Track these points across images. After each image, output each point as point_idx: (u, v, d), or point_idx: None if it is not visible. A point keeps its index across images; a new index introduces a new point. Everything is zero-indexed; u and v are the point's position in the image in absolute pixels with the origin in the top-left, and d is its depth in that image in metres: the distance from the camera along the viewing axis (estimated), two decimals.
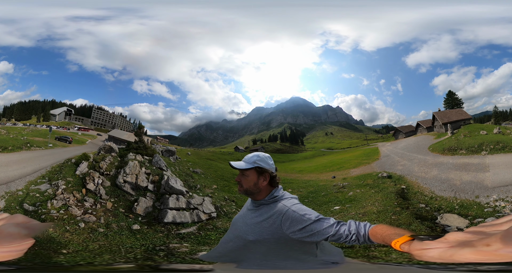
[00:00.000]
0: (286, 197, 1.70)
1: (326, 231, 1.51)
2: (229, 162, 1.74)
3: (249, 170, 1.70)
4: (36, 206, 7.45)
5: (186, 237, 7.06)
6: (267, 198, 1.69)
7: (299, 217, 1.56)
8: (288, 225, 1.56)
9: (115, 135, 25.36)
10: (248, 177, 1.70)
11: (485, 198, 8.04)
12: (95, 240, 6.36)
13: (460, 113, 22.48)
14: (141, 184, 9.33)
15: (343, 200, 9.89)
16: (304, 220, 1.54)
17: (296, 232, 1.55)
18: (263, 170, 1.70)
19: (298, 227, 1.54)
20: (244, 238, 1.66)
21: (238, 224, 1.77)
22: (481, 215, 6.96)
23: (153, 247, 6.26)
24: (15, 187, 8.24)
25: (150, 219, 7.95)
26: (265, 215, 1.65)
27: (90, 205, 8.06)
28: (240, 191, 1.74)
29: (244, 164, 1.71)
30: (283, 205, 1.63)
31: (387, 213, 7.35)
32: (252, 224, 1.67)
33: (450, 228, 6.44)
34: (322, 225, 1.52)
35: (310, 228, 1.53)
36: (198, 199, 8.68)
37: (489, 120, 27.78)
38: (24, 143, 14.08)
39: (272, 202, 1.67)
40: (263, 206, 1.69)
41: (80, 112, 33.64)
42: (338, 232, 1.50)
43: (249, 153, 1.80)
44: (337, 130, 67.70)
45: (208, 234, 7.24)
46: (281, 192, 1.73)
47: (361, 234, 1.45)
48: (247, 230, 1.67)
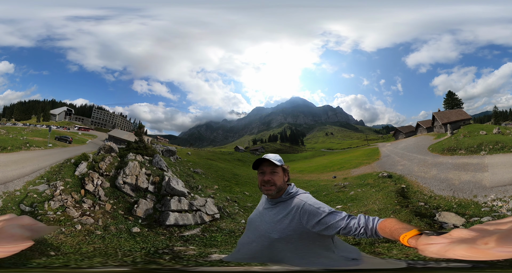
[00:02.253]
0: (300, 193, 1.75)
1: (338, 224, 1.56)
2: (263, 157, 1.73)
3: (279, 168, 1.75)
4: (33, 207, 7.39)
5: (191, 240, 6.93)
6: (284, 195, 1.73)
7: (315, 210, 1.61)
8: (307, 219, 1.60)
9: (115, 135, 25.37)
10: (279, 174, 1.74)
11: (482, 197, 8.11)
12: (90, 242, 6.21)
13: (460, 114, 22.45)
14: (141, 185, 9.20)
15: (345, 199, 9.97)
16: (320, 213, 1.59)
17: (314, 225, 1.58)
18: (285, 168, 1.78)
19: (315, 220, 1.59)
20: (268, 236, 1.67)
21: (257, 224, 1.78)
22: (477, 214, 7.04)
23: (155, 250, 6.11)
24: (13, 187, 8.21)
25: (150, 222, 7.81)
26: (283, 212, 1.69)
27: (89, 207, 7.95)
28: (271, 191, 1.72)
29: (278, 161, 1.74)
30: (299, 200, 1.68)
31: (388, 211, 7.46)
32: (273, 222, 1.69)
33: (447, 225, 6.60)
34: (335, 218, 1.57)
35: (325, 221, 1.57)
36: (200, 200, 8.53)
37: (489, 120, 27.73)
38: (24, 143, 14.08)
39: (288, 199, 1.72)
40: (280, 204, 1.73)
41: (80, 112, 33.67)
42: (348, 225, 1.53)
43: (271, 154, 1.81)
44: (337, 130, 67.68)
45: (213, 235, 7.12)
46: (295, 188, 1.78)
47: (369, 227, 1.48)
48: (270, 229, 1.68)
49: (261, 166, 1.74)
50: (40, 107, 28.97)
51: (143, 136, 13.78)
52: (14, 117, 27.45)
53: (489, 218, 6.58)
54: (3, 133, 16.88)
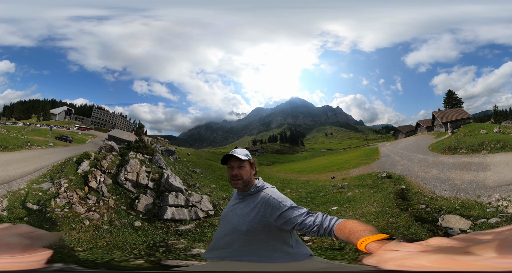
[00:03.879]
0: (267, 187, 1.81)
1: (295, 219, 1.58)
2: (229, 153, 1.83)
3: (245, 162, 1.82)
4: (40, 204, 7.44)
5: (184, 234, 7.15)
6: (252, 188, 1.80)
7: (277, 203, 1.65)
8: (270, 212, 1.65)
9: (115, 134, 25.31)
10: (245, 168, 1.81)
11: (486, 197, 7.88)
12: (101, 237, 6.46)
13: (460, 113, 22.51)
14: (142, 182, 9.39)
15: (342, 200, 9.79)
16: (281, 207, 1.63)
17: (276, 219, 1.63)
18: (252, 162, 1.85)
19: (277, 213, 1.63)
20: (238, 229, 1.72)
21: (229, 217, 1.83)
22: (483, 216, 6.64)
23: (154, 244, 6.38)
24: (16, 186, 8.22)
25: (150, 216, 8.04)
26: (251, 204, 1.75)
27: (93, 203, 8.10)
28: (238, 184, 1.80)
29: (244, 156, 1.82)
30: (265, 194, 1.74)
31: (385, 214, 7.00)
32: (242, 214, 1.75)
33: (453, 231, 6.04)
34: (293, 213, 1.60)
35: (285, 215, 1.60)
36: (196, 196, 8.74)
37: (489, 119, 27.81)
38: (25, 142, 14.06)
39: (256, 192, 1.78)
40: (249, 197, 1.79)
41: (80, 112, 33.61)
42: (304, 222, 1.55)
43: (238, 149, 1.91)
44: (337, 130, 67.73)
45: (204, 231, 7.33)
46: (262, 182, 1.85)
47: (323, 226, 1.49)
48: (239, 221, 1.74)
49: (229, 161, 1.83)
50: (40, 106, 28.91)
51: (143, 136, 13.82)
52: (14, 117, 27.38)
53: (496, 219, 6.23)
54: (4, 132, 16.84)
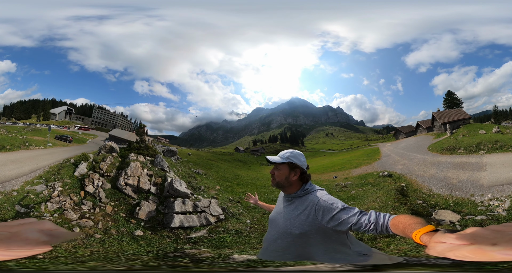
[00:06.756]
0: (316, 189, 1.83)
1: (350, 219, 1.59)
2: (266, 156, 1.93)
3: (282, 165, 1.85)
4: (29, 208, 7.12)
5: (199, 242, 6.72)
6: (299, 191, 1.82)
7: (328, 206, 1.66)
8: (322, 215, 1.66)
9: (116, 134, 25.38)
10: (280, 170, 1.84)
11: (479, 196, 8.17)
12: (88, 246, 5.93)
13: (459, 113, 22.42)
14: (143, 186, 8.85)
15: (346, 198, 10.14)
16: (333, 209, 1.64)
17: (329, 221, 1.64)
18: (295, 166, 1.85)
19: (329, 215, 1.64)
20: (290, 233, 1.74)
21: (278, 221, 1.86)
22: (473, 213, 7.12)
23: (165, 254, 5.94)
24: (10, 187, 8.03)
25: (154, 224, 7.51)
26: (300, 207, 1.76)
27: (88, 209, 7.66)
28: (272, 183, 1.88)
29: (279, 158, 1.87)
30: (314, 196, 1.75)
31: (387, 208, 7.71)
32: (292, 218, 1.77)
33: (444, 222, 6.71)
34: (347, 214, 1.61)
35: (338, 216, 1.62)
36: (205, 201, 8.25)
37: (489, 119, 27.66)
38: (23, 142, 14.02)
39: (304, 195, 1.80)
40: (296, 199, 1.81)
41: (81, 111, 33.73)
42: (359, 221, 1.56)
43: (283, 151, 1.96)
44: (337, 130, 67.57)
45: (221, 237, 6.94)
46: (311, 185, 1.86)
47: (379, 223, 1.50)
48: (290, 225, 1.76)
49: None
50: (41, 106, 29.04)
51: (144, 136, 13.74)
52: (14, 116, 27.53)
53: (483, 217, 6.65)
54: (2, 132, 16.88)
